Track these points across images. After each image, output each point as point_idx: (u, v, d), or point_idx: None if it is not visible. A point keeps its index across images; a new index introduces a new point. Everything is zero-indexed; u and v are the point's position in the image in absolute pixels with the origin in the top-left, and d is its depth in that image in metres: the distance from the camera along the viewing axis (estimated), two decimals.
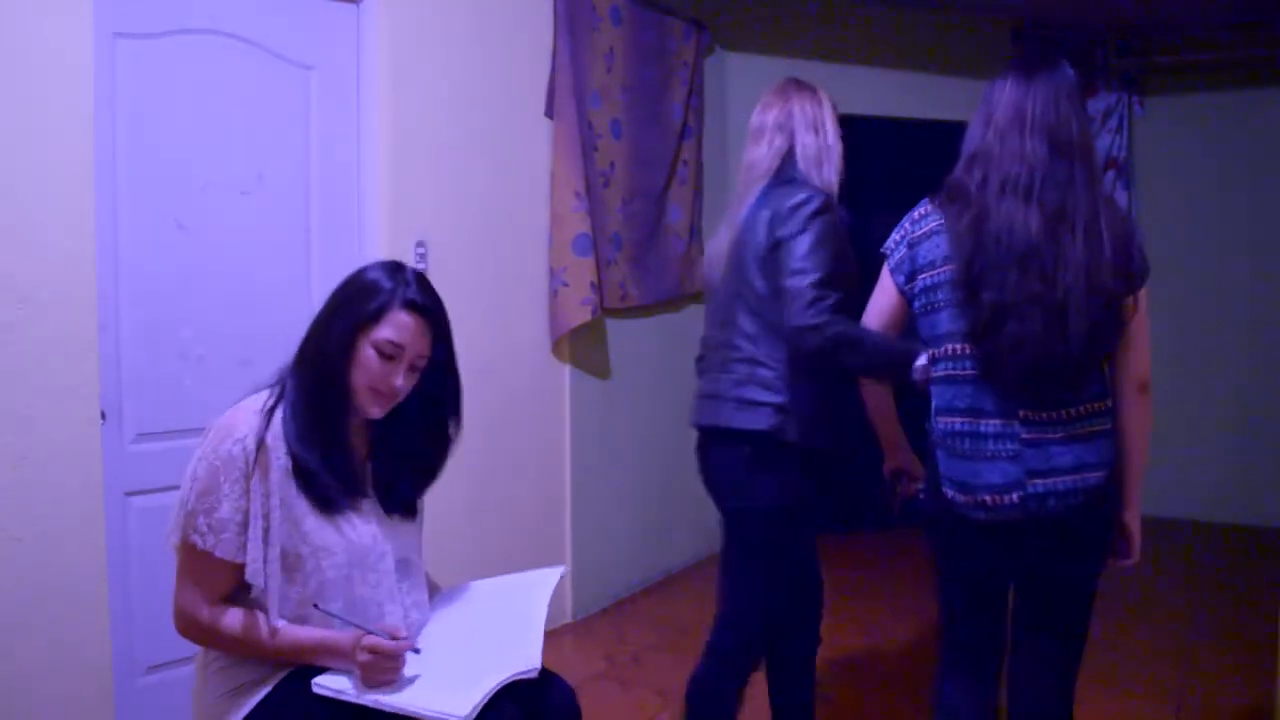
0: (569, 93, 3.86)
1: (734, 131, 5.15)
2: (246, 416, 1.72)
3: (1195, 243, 5.73)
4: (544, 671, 1.78)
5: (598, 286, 3.93)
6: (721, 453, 2.22)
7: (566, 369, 4.03)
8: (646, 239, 4.42)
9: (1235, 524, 5.62)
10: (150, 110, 2.68)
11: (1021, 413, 1.85)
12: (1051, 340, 1.79)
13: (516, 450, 3.77)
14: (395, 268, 1.78)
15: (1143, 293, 1.88)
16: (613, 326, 4.25)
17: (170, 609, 1.74)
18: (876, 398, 2.21)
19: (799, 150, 2.28)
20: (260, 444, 1.69)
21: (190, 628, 1.72)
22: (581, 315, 3.88)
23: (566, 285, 3.87)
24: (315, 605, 1.69)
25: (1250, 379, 5.66)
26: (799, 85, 2.39)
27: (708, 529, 5.06)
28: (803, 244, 2.10)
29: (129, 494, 2.67)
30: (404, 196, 3.29)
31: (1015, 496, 1.83)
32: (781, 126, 2.30)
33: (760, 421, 2.15)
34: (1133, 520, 1.99)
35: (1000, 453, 1.85)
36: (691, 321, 4.83)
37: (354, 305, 1.73)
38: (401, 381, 1.74)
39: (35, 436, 2.33)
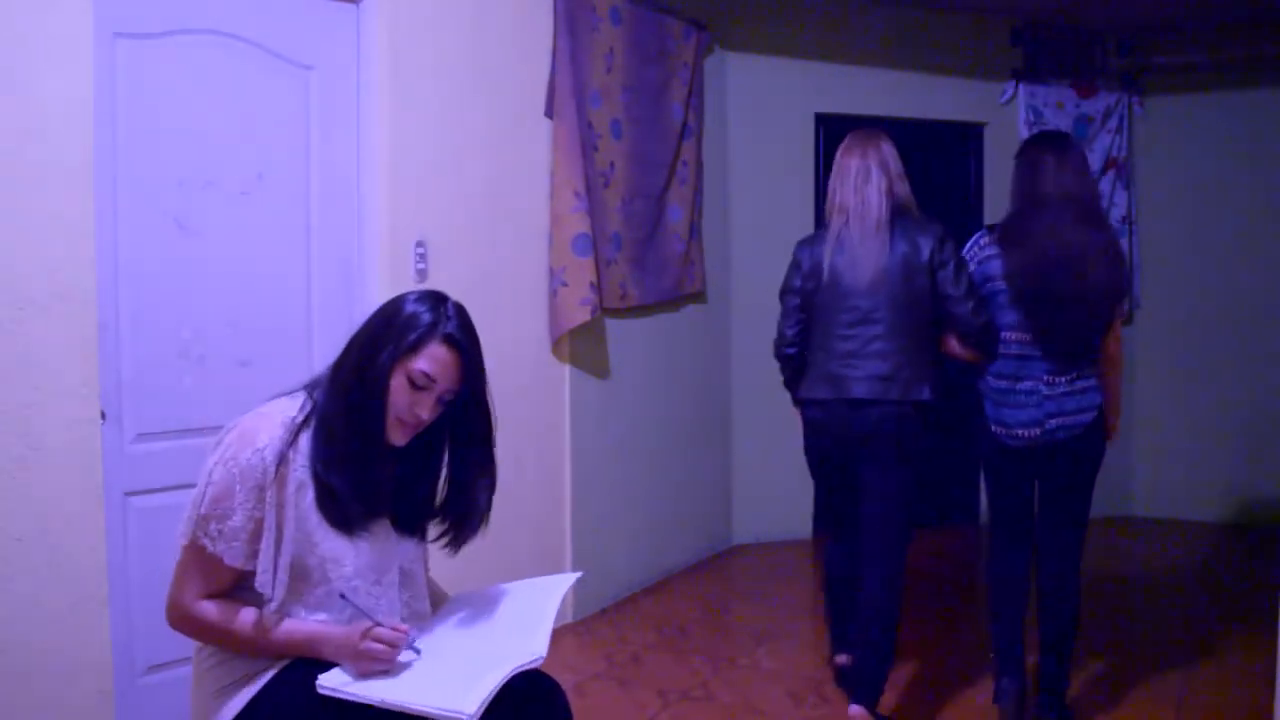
0: (569, 93, 3.86)
1: (734, 131, 5.15)
2: (270, 426, 1.71)
3: (1195, 242, 5.73)
4: (542, 675, 1.78)
5: (597, 286, 3.93)
6: (893, 415, 2.95)
7: (566, 369, 4.03)
8: (646, 239, 4.42)
9: (1235, 524, 5.62)
10: (150, 110, 2.68)
11: (1045, 378, 2.85)
12: (1081, 318, 2.83)
13: (517, 450, 3.76)
14: (437, 299, 1.77)
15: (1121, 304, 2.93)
16: (613, 326, 4.25)
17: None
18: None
19: (899, 195, 3.00)
20: (281, 457, 1.68)
21: (184, 621, 1.73)
22: (581, 315, 3.88)
23: (566, 285, 3.87)
24: (342, 595, 1.70)
25: (1251, 379, 5.65)
26: (880, 133, 3.08)
27: (707, 529, 5.08)
28: (953, 268, 2.93)
29: (129, 494, 2.67)
30: (404, 196, 3.29)
31: (1037, 430, 2.86)
32: (884, 175, 2.98)
33: (925, 394, 2.95)
34: (1113, 419, 2.98)
35: (1029, 402, 2.87)
36: (691, 321, 4.84)
37: (393, 336, 1.72)
38: (428, 414, 1.74)
39: (35, 436, 2.33)
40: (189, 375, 2.78)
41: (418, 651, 1.70)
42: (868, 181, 2.96)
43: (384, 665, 1.66)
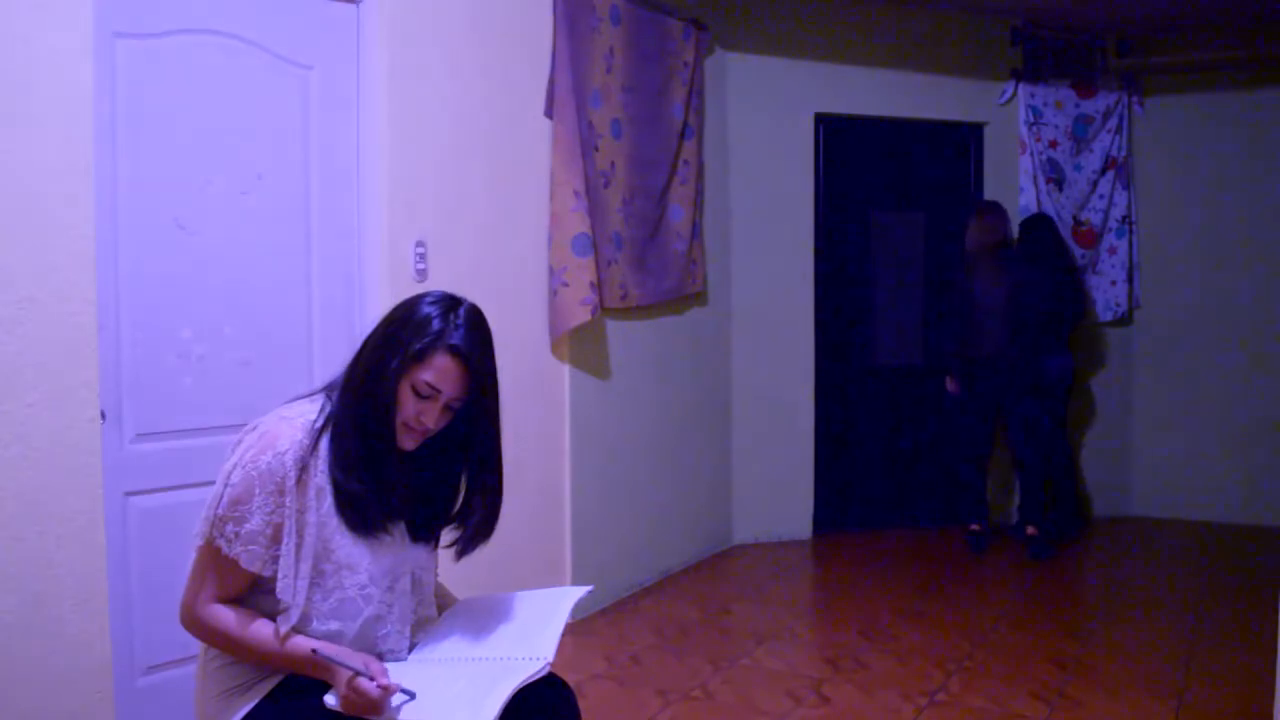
0: (569, 93, 3.86)
1: (734, 131, 5.15)
2: (291, 430, 1.70)
3: (1195, 242, 5.74)
4: (554, 675, 1.77)
5: (597, 286, 3.93)
6: (1008, 369, 4.92)
7: (566, 369, 4.03)
8: (647, 239, 4.42)
9: (1235, 524, 5.62)
10: (150, 110, 2.68)
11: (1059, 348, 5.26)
12: (1064, 327, 5.36)
13: (516, 450, 3.75)
14: (451, 304, 1.75)
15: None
16: (613, 326, 4.25)
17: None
18: None
19: (1007, 235, 5.05)
20: (302, 464, 1.68)
21: (196, 624, 1.72)
22: (581, 315, 3.88)
23: (566, 285, 3.87)
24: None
25: (1250, 379, 5.66)
26: (999, 205, 5.14)
27: (707, 529, 5.08)
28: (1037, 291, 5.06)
29: (129, 494, 2.67)
30: (404, 196, 3.29)
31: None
32: (1003, 230, 5.03)
33: (1024, 357, 4.94)
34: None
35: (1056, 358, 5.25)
36: (692, 321, 4.84)
37: (402, 341, 1.71)
38: (433, 422, 1.73)
39: (35, 436, 2.32)
40: (189, 375, 2.78)
41: (411, 695, 1.66)
42: (993, 233, 4.95)
43: (373, 712, 1.62)
